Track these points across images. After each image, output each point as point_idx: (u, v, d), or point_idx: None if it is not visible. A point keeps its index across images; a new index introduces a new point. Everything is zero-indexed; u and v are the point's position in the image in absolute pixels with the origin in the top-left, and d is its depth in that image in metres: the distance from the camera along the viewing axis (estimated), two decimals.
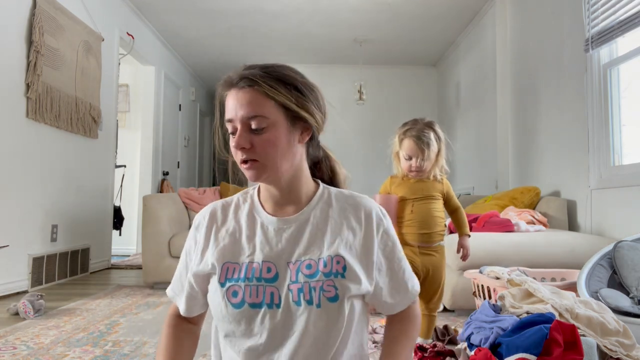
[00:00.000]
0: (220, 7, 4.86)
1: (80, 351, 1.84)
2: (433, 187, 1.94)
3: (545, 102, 3.70)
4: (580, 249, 2.48)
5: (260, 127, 0.86)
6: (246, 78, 0.87)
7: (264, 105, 0.87)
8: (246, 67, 0.91)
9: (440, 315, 2.54)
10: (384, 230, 0.95)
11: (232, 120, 0.88)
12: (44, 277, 3.34)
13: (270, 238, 0.92)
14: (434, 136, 1.88)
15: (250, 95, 0.87)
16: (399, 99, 6.73)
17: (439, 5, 4.76)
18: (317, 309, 0.84)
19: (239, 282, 0.88)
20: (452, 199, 2.00)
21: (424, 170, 1.90)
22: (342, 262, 0.87)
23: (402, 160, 1.92)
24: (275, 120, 0.87)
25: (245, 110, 0.86)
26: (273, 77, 0.88)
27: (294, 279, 0.87)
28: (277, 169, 0.89)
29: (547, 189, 3.61)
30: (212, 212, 0.99)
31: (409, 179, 1.95)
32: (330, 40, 5.74)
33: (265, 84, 0.87)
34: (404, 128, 1.93)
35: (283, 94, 0.88)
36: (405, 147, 1.89)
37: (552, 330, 1.28)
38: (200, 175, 7.90)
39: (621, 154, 2.90)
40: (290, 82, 0.90)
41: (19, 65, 3.09)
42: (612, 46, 2.93)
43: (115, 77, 4.57)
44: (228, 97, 0.90)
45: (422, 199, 1.91)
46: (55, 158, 3.51)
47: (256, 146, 0.87)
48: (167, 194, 3.76)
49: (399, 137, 1.93)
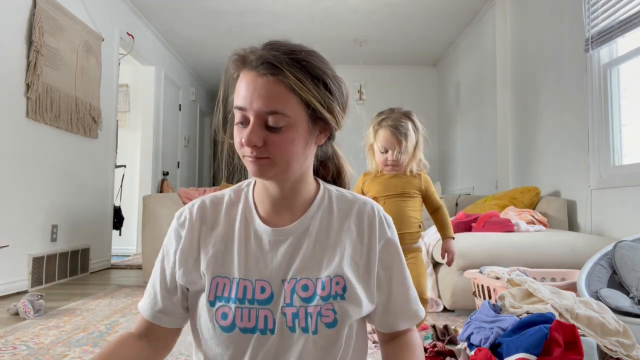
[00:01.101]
0: (220, 7, 4.86)
1: (80, 351, 1.84)
2: (409, 184, 1.77)
3: (545, 102, 3.70)
4: (580, 249, 2.48)
5: (278, 125, 0.74)
6: (269, 63, 0.73)
7: (287, 101, 0.73)
8: (267, 45, 0.76)
9: (440, 315, 2.54)
10: (386, 241, 0.84)
11: (244, 109, 0.75)
12: (44, 277, 3.33)
13: (265, 252, 0.81)
14: (411, 126, 1.72)
15: (272, 86, 0.73)
16: (399, 99, 6.71)
17: (439, 5, 4.76)
18: (314, 335, 0.76)
19: (230, 304, 0.77)
20: (432, 197, 1.82)
21: (401, 165, 1.73)
22: (342, 282, 0.78)
23: (377, 153, 1.75)
24: (296, 119, 0.75)
25: (263, 103, 0.73)
26: (302, 67, 0.74)
27: (288, 301, 0.77)
28: (287, 170, 0.77)
29: (547, 189, 3.61)
30: (201, 209, 0.85)
31: (383, 175, 1.78)
32: (330, 40, 5.74)
33: (292, 76, 0.73)
34: (380, 117, 1.76)
35: (310, 91, 0.74)
36: (380, 138, 1.72)
37: (552, 330, 1.28)
38: (200, 175, 7.91)
39: (621, 154, 2.90)
40: (319, 77, 0.76)
41: (19, 65, 3.09)
42: (612, 46, 2.93)
43: (115, 77, 4.57)
44: (241, 79, 0.76)
45: (395, 197, 1.73)
46: (55, 158, 3.51)
47: (270, 145, 0.74)
48: (167, 194, 3.76)
49: (374, 128, 1.76)
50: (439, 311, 2.62)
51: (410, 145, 1.72)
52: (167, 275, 0.83)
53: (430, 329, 2.10)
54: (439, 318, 2.43)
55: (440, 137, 6.58)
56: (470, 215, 3.03)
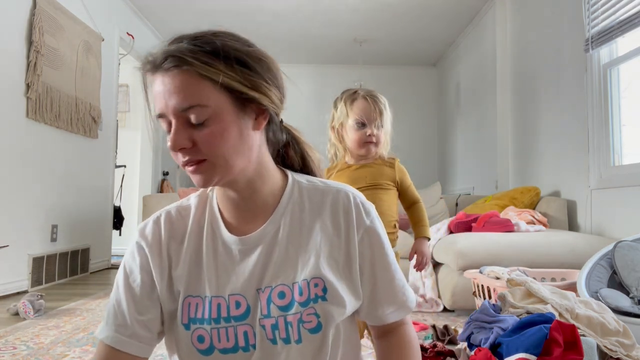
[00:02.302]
0: (220, 7, 4.86)
1: (80, 351, 1.84)
2: (381, 173, 1.50)
3: (545, 102, 3.70)
4: (580, 249, 2.48)
5: (200, 119, 0.67)
6: (172, 56, 0.67)
7: (201, 91, 0.67)
8: (172, 40, 0.71)
9: (440, 315, 2.54)
10: (365, 230, 0.77)
11: (164, 114, 0.69)
12: (44, 277, 3.33)
13: (235, 262, 0.75)
14: (386, 101, 1.51)
15: (181, 79, 0.67)
16: (399, 99, 6.72)
17: (439, 5, 4.76)
18: (298, 344, 0.71)
19: (204, 325, 0.71)
20: (409, 189, 1.56)
21: (380, 144, 1.48)
22: (322, 283, 0.72)
23: (351, 132, 1.47)
24: (218, 107, 0.68)
25: (176, 99, 0.67)
26: (206, 51, 0.68)
27: (265, 312, 0.71)
28: (231, 168, 0.70)
29: (547, 189, 3.61)
30: (168, 222, 0.78)
31: (350, 166, 1.51)
32: (330, 40, 5.74)
33: (198, 61, 0.66)
34: (349, 92, 1.52)
35: (223, 72, 0.67)
36: (356, 109, 1.46)
37: (552, 330, 1.28)
38: None
39: (621, 154, 2.90)
40: (230, 55, 0.68)
41: (19, 65, 3.09)
42: (612, 46, 2.93)
43: (115, 77, 4.57)
44: (154, 85, 0.70)
45: (365, 189, 1.43)
46: (55, 158, 3.51)
47: (199, 143, 0.68)
48: (167, 194, 3.76)
49: (345, 102, 1.49)
50: (439, 311, 2.62)
51: (388, 122, 1.48)
52: (136, 293, 0.75)
53: (430, 329, 2.10)
54: (439, 318, 2.43)
55: (440, 137, 6.58)
56: (470, 215, 3.03)
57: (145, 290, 0.75)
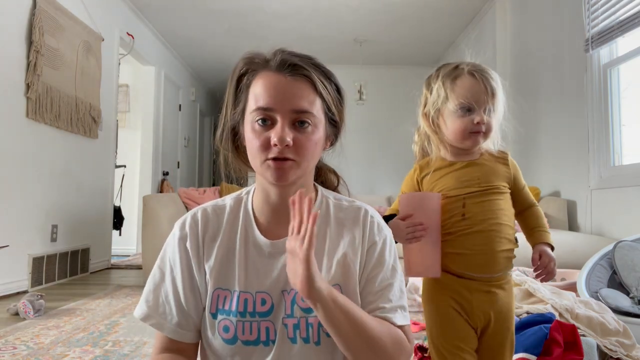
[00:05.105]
0: (220, 7, 4.86)
1: (80, 351, 1.84)
2: (495, 172, 1.13)
3: (545, 102, 3.70)
4: (580, 249, 2.48)
5: (306, 124, 0.75)
6: (295, 65, 0.76)
7: (315, 102, 0.76)
8: (283, 50, 0.79)
9: None
10: (373, 244, 0.82)
11: (271, 109, 0.75)
12: (44, 277, 3.33)
13: (265, 263, 0.81)
14: (498, 78, 1.14)
15: (302, 86, 0.75)
16: (399, 99, 6.72)
17: (439, 5, 4.76)
18: (316, 346, 0.76)
19: (230, 317, 0.78)
20: (524, 190, 1.20)
21: (490, 134, 1.12)
22: (339, 290, 0.77)
23: (452, 118, 1.10)
24: (320, 120, 0.78)
25: (296, 103, 0.74)
26: (321, 71, 0.78)
27: (288, 312, 0.77)
28: (304, 172, 0.78)
29: (547, 189, 3.61)
30: (204, 218, 0.84)
31: (452, 163, 1.13)
32: (330, 41, 5.74)
33: (318, 78, 0.76)
34: (448, 67, 1.15)
35: (330, 94, 0.78)
36: (460, 90, 1.09)
37: (552, 330, 1.28)
38: (200, 175, 7.91)
39: (621, 154, 2.91)
40: (333, 81, 0.80)
41: (19, 65, 3.09)
42: (612, 46, 2.94)
43: (115, 77, 4.57)
44: (261, 80, 0.77)
45: (479, 194, 1.09)
46: (55, 158, 3.51)
47: (296, 145, 0.75)
48: (167, 194, 3.76)
49: (443, 80, 1.14)
50: None
51: (501, 105, 1.13)
52: (178, 287, 0.81)
53: None
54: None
55: None
56: None
57: (190, 282, 0.81)
